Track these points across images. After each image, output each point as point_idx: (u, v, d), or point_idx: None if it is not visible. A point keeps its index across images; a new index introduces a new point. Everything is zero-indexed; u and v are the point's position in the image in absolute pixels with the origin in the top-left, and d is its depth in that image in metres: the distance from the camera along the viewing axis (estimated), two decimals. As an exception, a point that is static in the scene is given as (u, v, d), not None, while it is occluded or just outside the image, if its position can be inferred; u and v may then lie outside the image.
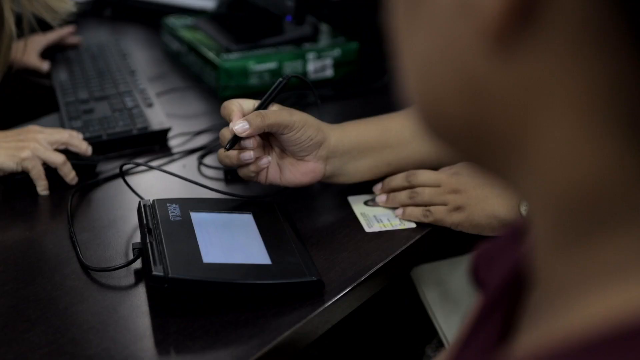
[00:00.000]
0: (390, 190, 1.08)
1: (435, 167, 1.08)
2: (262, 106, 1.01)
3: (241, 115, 0.99)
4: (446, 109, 0.33)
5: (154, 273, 0.85)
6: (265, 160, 1.01)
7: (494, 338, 0.40)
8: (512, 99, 0.31)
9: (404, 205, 1.06)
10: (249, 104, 1.02)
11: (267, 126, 0.97)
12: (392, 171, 1.09)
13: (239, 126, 0.95)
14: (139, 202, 1.00)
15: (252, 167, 1.01)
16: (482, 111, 0.32)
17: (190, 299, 0.89)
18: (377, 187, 1.10)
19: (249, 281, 0.89)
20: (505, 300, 0.41)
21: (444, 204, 1.04)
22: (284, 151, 1.03)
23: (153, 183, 1.20)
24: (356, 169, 1.06)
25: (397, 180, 1.08)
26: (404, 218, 1.06)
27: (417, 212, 1.05)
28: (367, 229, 1.05)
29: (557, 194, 0.32)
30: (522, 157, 0.32)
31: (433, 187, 1.05)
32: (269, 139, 1.04)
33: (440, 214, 1.04)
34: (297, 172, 1.01)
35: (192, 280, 0.87)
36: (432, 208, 1.04)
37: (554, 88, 0.30)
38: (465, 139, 0.34)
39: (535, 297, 0.37)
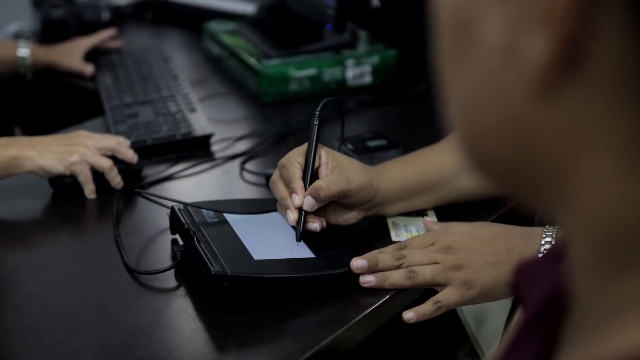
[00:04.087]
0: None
1: (472, 202, 1.05)
2: (313, 156, 1.00)
3: (302, 182, 0.98)
4: (490, 147, 0.35)
5: (214, 272, 0.88)
6: (322, 227, 1.00)
7: (533, 357, 0.42)
8: (555, 141, 0.32)
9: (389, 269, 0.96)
10: (301, 156, 1.01)
11: (330, 198, 0.98)
12: (429, 208, 1.08)
13: (307, 204, 0.97)
14: (172, 207, 1.02)
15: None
16: (526, 151, 0.34)
17: (239, 298, 0.92)
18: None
19: (302, 274, 0.94)
20: (546, 320, 0.42)
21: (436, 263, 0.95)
22: None
23: (192, 188, 1.23)
24: (394, 210, 1.07)
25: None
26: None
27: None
28: (394, 237, 1.05)
29: (598, 228, 0.33)
30: (564, 193, 0.34)
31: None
32: None
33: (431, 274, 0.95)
34: (340, 218, 1.03)
35: (251, 277, 0.90)
36: (417, 268, 0.95)
37: (596, 131, 0.31)
38: (509, 175, 0.36)
39: (574, 320, 0.39)
